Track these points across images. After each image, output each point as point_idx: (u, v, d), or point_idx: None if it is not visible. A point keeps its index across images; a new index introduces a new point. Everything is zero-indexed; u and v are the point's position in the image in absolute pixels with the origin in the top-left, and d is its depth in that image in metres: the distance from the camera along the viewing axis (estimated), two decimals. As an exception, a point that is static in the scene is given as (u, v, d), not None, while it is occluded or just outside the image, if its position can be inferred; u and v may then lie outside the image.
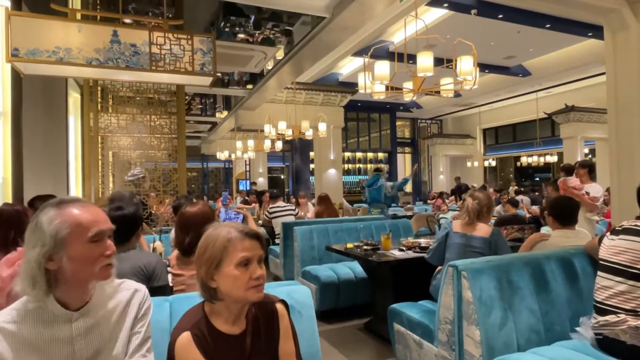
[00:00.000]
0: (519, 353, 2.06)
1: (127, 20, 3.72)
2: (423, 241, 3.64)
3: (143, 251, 2.24)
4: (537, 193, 10.29)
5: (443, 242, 2.93)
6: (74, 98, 5.51)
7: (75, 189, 5.51)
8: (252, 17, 7.69)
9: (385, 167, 10.53)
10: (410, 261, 3.28)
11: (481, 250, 2.76)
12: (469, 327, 2.14)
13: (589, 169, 4.69)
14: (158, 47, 2.76)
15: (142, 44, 2.74)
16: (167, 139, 5.05)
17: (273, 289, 1.85)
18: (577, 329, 2.17)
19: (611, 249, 1.98)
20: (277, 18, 7.83)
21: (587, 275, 2.37)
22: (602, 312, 1.98)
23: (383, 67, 3.48)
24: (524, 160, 13.82)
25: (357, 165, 15.63)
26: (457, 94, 12.60)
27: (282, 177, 17.66)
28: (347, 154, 15.36)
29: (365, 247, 3.53)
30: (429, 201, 12.07)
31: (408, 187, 16.72)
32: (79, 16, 3.23)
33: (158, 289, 1.87)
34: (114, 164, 5.69)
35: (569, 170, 4.83)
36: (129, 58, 2.70)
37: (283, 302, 1.31)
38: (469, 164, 14.95)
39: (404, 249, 3.43)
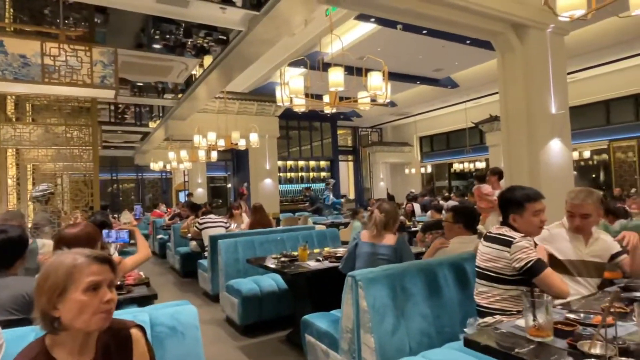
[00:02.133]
0: (410, 357, 2.16)
1: (26, 29, 3.47)
2: (341, 250, 3.72)
3: (27, 277, 2.09)
4: (466, 198, 10.91)
5: (353, 252, 3.02)
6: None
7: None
8: (183, 25, 7.51)
9: (331, 181, 11.96)
10: (327, 271, 3.33)
11: (388, 258, 2.87)
12: (365, 335, 2.22)
13: (498, 176, 5.06)
14: (52, 58, 2.62)
15: (34, 55, 2.58)
16: (85, 150, 4.77)
17: (157, 310, 1.81)
18: (465, 329, 2.31)
19: (483, 255, 2.14)
20: (209, 26, 7.69)
21: (477, 278, 2.54)
22: (482, 314, 2.13)
23: (298, 82, 3.55)
24: (457, 166, 14.63)
25: (300, 174, 15.72)
26: (392, 104, 13.10)
27: (229, 185, 17.32)
28: (290, 163, 15.40)
29: (283, 259, 3.54)
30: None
31: (351, 195, 17.13)
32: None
33: None
34: (34, 177, 5.29)
35: (482, 178, 5.16)
36: (18, 69, 2.51)
37: (139, 326, 1.27)
38: (407, 171, 15.54)
39: (321, 259, 3.49)
